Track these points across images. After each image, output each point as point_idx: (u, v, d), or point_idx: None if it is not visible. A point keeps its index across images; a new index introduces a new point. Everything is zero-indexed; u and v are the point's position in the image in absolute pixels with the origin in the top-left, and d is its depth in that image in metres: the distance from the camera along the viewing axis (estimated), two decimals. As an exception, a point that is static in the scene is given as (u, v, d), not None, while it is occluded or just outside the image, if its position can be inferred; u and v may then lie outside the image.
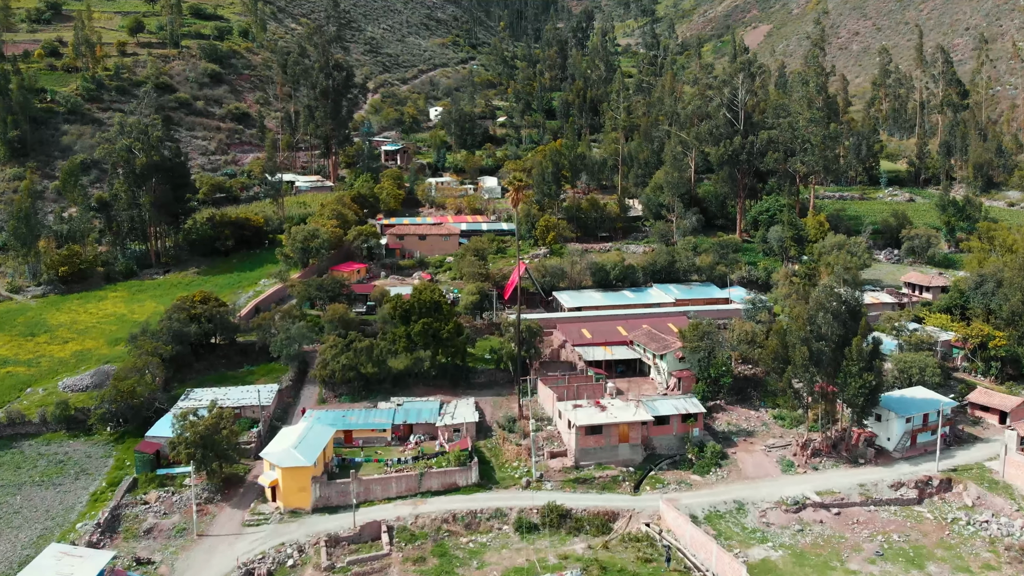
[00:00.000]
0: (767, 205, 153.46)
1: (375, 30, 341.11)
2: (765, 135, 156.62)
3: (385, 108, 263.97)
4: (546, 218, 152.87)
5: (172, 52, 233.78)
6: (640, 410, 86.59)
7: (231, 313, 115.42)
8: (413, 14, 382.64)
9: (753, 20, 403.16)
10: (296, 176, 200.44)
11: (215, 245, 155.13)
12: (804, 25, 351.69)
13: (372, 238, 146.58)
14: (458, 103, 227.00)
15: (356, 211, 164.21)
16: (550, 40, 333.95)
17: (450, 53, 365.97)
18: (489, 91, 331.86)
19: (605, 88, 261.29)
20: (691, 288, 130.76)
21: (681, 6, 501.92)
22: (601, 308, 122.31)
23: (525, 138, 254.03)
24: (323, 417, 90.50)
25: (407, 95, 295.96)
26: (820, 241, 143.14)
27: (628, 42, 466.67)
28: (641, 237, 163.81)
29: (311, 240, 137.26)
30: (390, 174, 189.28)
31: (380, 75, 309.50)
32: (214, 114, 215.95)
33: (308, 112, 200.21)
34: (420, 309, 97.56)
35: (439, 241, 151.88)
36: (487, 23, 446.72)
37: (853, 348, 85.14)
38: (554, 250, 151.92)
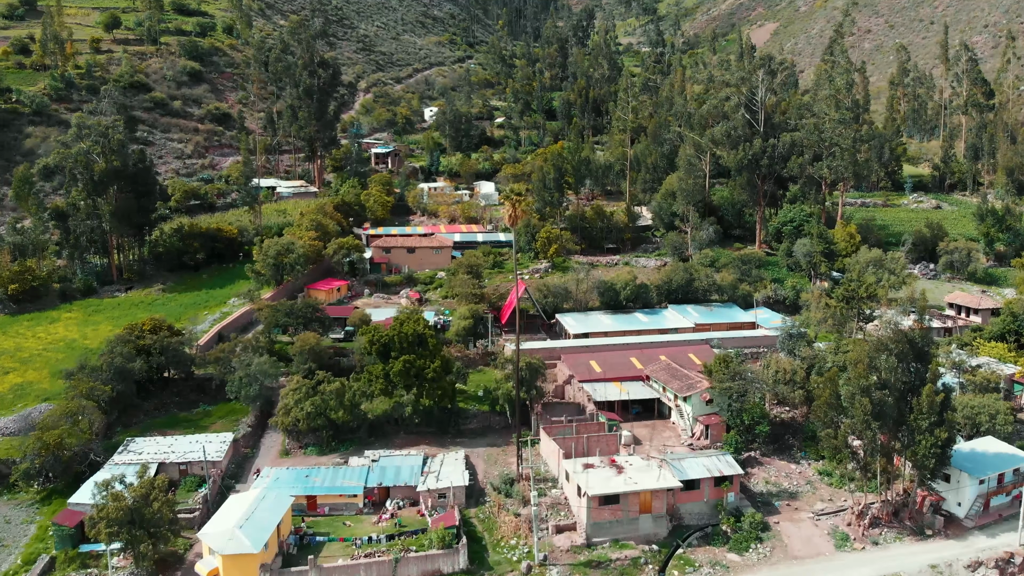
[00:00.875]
0: (792, 215, 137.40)
1: (368, 27, 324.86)
2: (788, 138, 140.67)
3: (377, 108, 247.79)
4: (547, 229, 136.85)
5: (150, 49, 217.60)
6: (665, 472, 70.58)
7: (187, 343, 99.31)
8: (408, 11, 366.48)
9: (759, 18, 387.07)
10: (278, 181, 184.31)
11: (183, 259, 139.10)
12: (812, 23, 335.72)
13: (354, 252, 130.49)
14: (453, 103, 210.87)
15: (340, 220, 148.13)
16: (550, 38, 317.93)
17: (446, 52, 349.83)
18: (487, 91, 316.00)
19: (608, 87, 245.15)
20: (712, 310, 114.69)
21: (683, 4, 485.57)
22: (611, 334, 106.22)
23: (524, 140, 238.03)
24: (282, 478, 74.41)
25: (401, 95, 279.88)
26: (852, 255, 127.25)
27: (629, 41, 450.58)
28: (652, 249, 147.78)
29: (285, 255, 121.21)
30: (379, 179, 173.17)
31: (373, 74, 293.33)
32: (192, 115, 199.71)
33: (291, 112, 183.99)
34: (401, 344, 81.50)
35: (429, 255, 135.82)
36: (485, 21, 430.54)
37: (923, 399, 69.19)
38: (556, 264, 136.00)
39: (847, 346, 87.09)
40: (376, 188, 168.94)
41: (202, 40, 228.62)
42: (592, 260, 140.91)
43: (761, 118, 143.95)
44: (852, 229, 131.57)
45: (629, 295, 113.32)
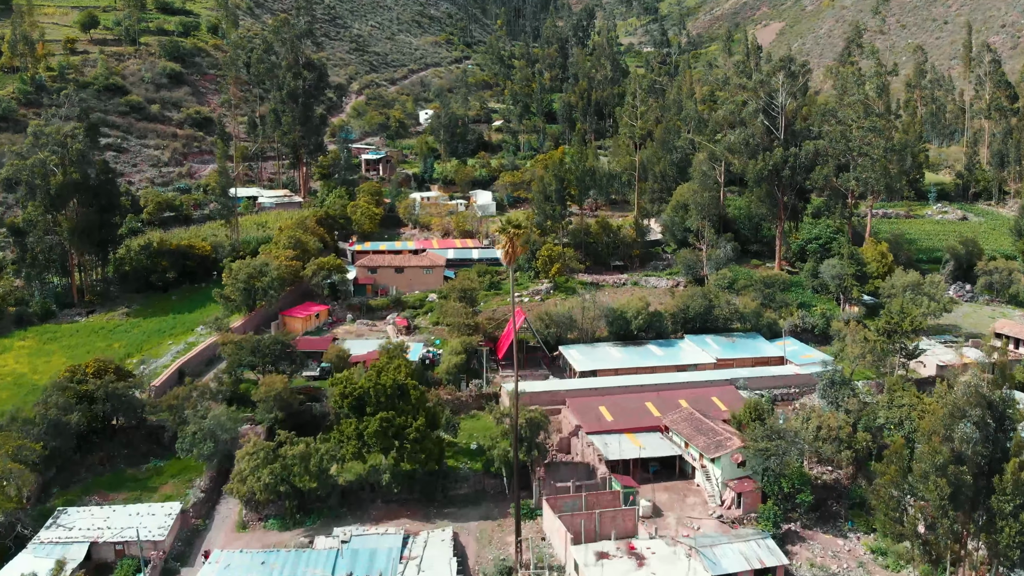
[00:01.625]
0: (817, 231, 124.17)
1: (362, 27, 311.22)
2: (810, 146, 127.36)
3: (369, 111, 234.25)
4: (549, 246, 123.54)
5: (128, 50, 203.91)
6: (695, 564, 57.50)
7: (137, 387, 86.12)
8: (404, 10, 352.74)
9: (763, 17, 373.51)
10: (260, 190, 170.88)
11: (151, 279, 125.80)
12: (820, 23, 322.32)
13: (336, 273, 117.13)
14: (448, 106, 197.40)
15: (323, 235, 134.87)
16: (550, 38, 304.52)
17: (443, 52, 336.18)
18: (484, 92, 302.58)
19: (611, 89, 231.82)
20: (734, 342, 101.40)
21: (685, 3, 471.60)
22: (622, 372, 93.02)
23: (523, 145, 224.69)
24: (233, 566, 61.23)
25: (395, 97, 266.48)
26: (885, 277, 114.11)
27: (631, 41, 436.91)
28: (662, 266, 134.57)
29: (257, 278, 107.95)
30: (367, 189, 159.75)
31: (366, 75, 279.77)
32: (171, 119, 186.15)
33: (274, 117, 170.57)
34: (378, 398, 68.26)
35: (419, 275, 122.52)
36: (483, 20, 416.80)
37: (1008, 477, 56.12)
38: (559, 284, 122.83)
39: (901, 397, 73.89)
40: (364, 199, 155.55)
41: (184, 40, 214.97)
42: (597, 279, 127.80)
43: (781, 125, 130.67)
44: (884, 248, 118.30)
45: (641, 324, 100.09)
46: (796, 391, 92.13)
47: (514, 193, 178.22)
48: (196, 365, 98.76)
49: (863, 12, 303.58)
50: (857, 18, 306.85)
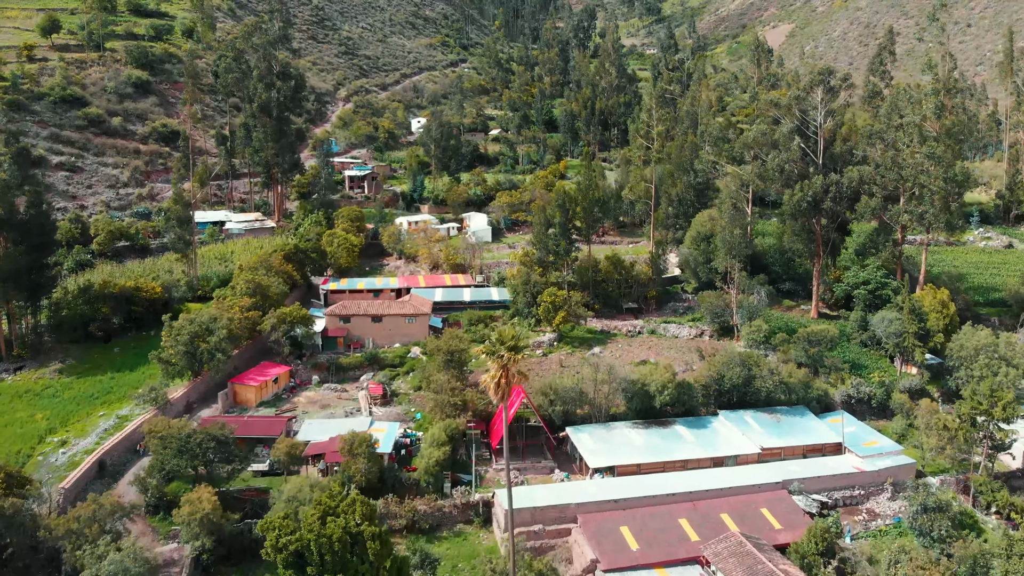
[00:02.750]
0: (866, 275, 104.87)
1: (352, 29, 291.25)
2: (855, 173, 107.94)
3: (356, 121, 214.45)
4: (552, 291, 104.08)
5: (92, 56, 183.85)
6: None
7: (36, 497, 66.82)
8: (398, 11, 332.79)
9: (772, 19, 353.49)
10: (229, 214, 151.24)
11: (89, 329, 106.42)
12: (833, 24, 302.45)
13: (301, 324, 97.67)
14: (440, 118, 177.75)
15: (291, 273, 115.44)
16: (550, 41, 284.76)
17: (438, 55, 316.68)
18: (481, 97, 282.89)
19: (617, 98, 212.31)
20: (779, 421, 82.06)
21: (689, 4, 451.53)
22: (646, 468, 73.80)
23: (522, 157, 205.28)
24: None
25: (386, 104, 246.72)
26: (951, 335, 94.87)
27: (633, 42, 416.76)
28: (683, 309, 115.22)
29: (203, 338, 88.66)
30: (347, 214, 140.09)
31: (355, 80, 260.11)
32: (134, 133, 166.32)
33: (244, 132, 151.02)
34: (322, 556, 48.87)
35: (401, 324, 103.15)
36: (480, 21, 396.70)
37: None
38: (564, 334, 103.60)
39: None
40: (343, 225, 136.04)
41: (155, 45, 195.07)
42: (608, 326, 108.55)
43: (820, 148, 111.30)
44: (945, 296, 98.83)
45: (667, 400, 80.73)
46: (861, 492, 72.96)
47: (512, 215, 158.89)
48: (122, 453, 79.56)
49: (879, 13, 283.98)
50: (873, 19, 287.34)
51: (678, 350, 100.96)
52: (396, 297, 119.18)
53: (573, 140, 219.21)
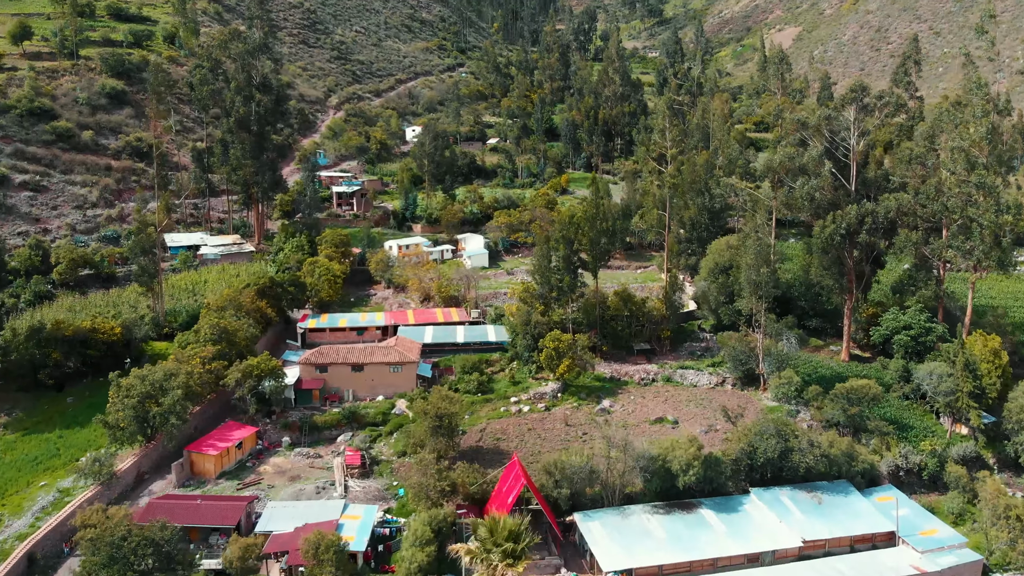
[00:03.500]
0: (907, 319, 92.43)
1: (345, 33, 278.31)
2: (892, 201, 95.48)
3: (347, 131, 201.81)
4: (555, 335, 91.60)
5: (64, 64, 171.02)
6: None
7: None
8: (393, 14, 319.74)
9: (777, 21, 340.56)
10: (205, 236, 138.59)
11: (39, 376, 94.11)
12: (842, 28, 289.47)
13: (271, 377, 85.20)
14: (433, 131, 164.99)
15: (264, 311, 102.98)
16: (550, 45, 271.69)
17: (435, 59, 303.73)
18: (479, 104, 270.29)
19: (622, 107, 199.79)
20: (820, 502, 69.49)
21: (691, 6, 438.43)
22: (668, 568, 61.44)
23: (522, 170, 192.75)
24: None
25: (379, 111, 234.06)
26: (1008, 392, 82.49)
27: (635, 45, 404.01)
28: (700, 351, 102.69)
29: (156, 399, 76.35)
30: (331, 239, 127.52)
31: (348, 86, 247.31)
32: (106, 148, 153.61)
33: (221, 148, 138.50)
34: None
35: (385, 374, 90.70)
36: (478, 24, 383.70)
37: None
38: (569, 383, 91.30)
39: None
40: (327, 251, 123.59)
41: (133, 52, 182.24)
42: (618, 371, 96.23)
43: (852, 172, 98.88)
44: (996, 344, 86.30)
45: (692, 480, 68.28)
46: (924, 598, 60.70)
47: (511, 236, 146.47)
48: (56, 542, 67.23)
49: (890, 17, 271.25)
50: (884, 23, 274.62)
51: (698, 403, 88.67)
52: (383, 335, 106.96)
53: (575, 151, 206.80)
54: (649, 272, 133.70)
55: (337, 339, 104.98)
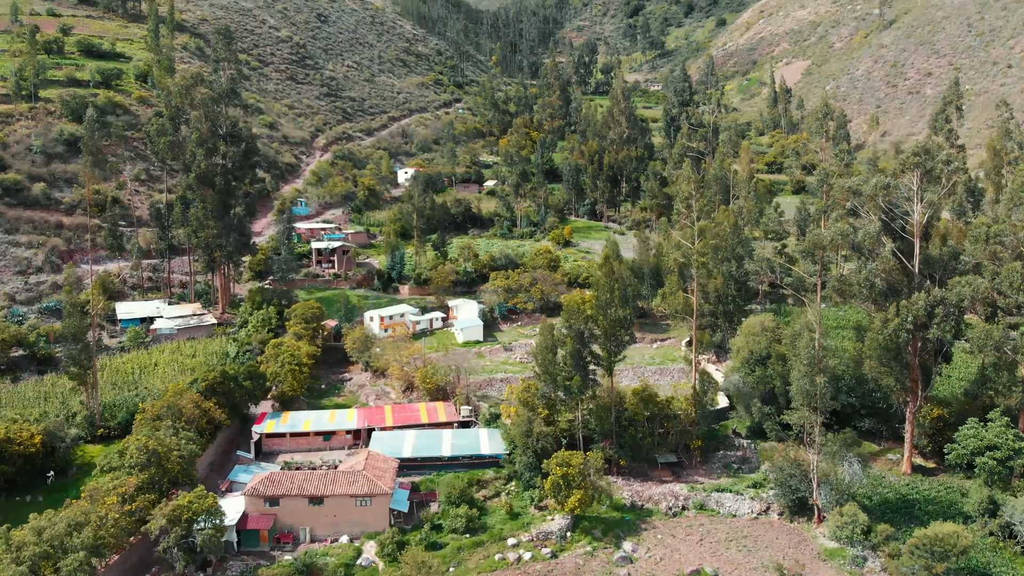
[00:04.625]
0: (993, 438, 74.46)
1: (336, 68, 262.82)
2: (966, 288, 77.89)
3: (333, 176, 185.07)
4: (564, 458, 73.41)
5: (22, 108, 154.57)
6: None
7: None
8: (388, 48, 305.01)
9: (785, 55, 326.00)
10: (162, 305, 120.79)
11: (-66, 499, 75.99)
12: (855, 63, 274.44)
13: (208, 517, 66.82)
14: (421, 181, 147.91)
15: (214, 413, 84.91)
16: (551, 81, 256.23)
17: (431, 94, 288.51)
18: (476, 142, 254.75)
19: (628, 151, 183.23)
20: None
21: (693, 37, 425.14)
22: None
23: (521, 218, 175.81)
24: None
25: (370, 152, 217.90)
26: None
27: (636, 78, 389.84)
28: (736, 463, 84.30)
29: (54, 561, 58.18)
30: (303, 311, 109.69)
31: (338, 125, 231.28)
32: (59, 203, 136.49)
33: (181, 206, 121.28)
34: None
35: (349, 508, 72.20)
36: (476, 57, 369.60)
37: None
38: (580, 519, 73.08)
39: None
40: (296, 327, 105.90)
41: (100, 93, 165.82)
42: (639, 494, 78.20)
43: (915, 250, 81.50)
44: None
45: None
46: None
47: (509, 301, 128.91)
48: None
49: (906, 52, 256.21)
50: (900, 58, 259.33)
51: (740, 544, 70.45)
52: (354, 439, 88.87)
53: (578, 196, 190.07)
54: (667, 348, 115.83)
55: (299, 446, 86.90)
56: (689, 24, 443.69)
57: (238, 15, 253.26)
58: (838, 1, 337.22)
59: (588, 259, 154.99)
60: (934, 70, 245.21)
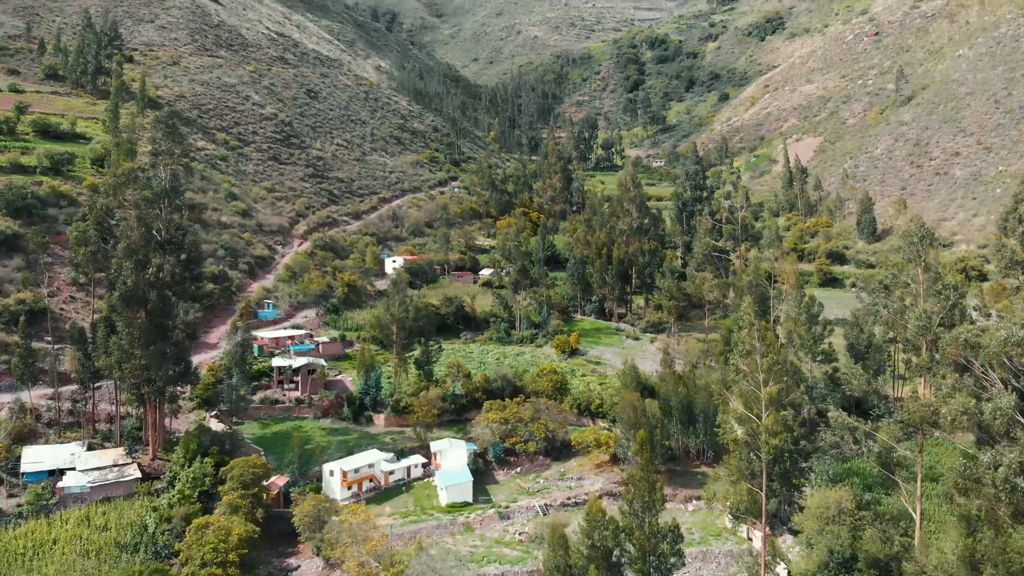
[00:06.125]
0: None
1: (325, 147, 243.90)
2: None
3: (310, 270, 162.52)
4: None
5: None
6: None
7: None
8: (382, 124, 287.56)
9: (794, 131, 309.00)
10: (78, 451, 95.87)
11: None
12: (873, 141, 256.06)
13: None
14: (402, 289, 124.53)
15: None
16: (552, 162, 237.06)
17: (425, 173, 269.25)
18: (472, 224, 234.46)
19: (640, 243, 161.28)
20: None
21: (695, 112, 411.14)
22: None
23: (520, 319, 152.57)
24: None
25: (356, 238, 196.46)
26: None
27: (638, 153, 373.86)
28: None
29: None
30: (240, 472, 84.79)
31: (322, 209, 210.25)
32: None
33: (107, 329, 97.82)
34: None
35: None
36: (473, 133, 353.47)
37: None
38: None
39: None
40: (231, 496, 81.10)
41: (44, 181, 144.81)
42: None
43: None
44: None
45: None
46: None
47: (507, 441, 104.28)
48: None
49: (929, 129, 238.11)
50: (922, 136, 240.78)
51: None
52: None
53: (584, 291, 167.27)
54: (706, 513, 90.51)
55: None
56: (691, 99, 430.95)
57: (219, 91, 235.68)
58: (847, 76, 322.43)
59: (599, 373, 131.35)
60: (962, 149, 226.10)
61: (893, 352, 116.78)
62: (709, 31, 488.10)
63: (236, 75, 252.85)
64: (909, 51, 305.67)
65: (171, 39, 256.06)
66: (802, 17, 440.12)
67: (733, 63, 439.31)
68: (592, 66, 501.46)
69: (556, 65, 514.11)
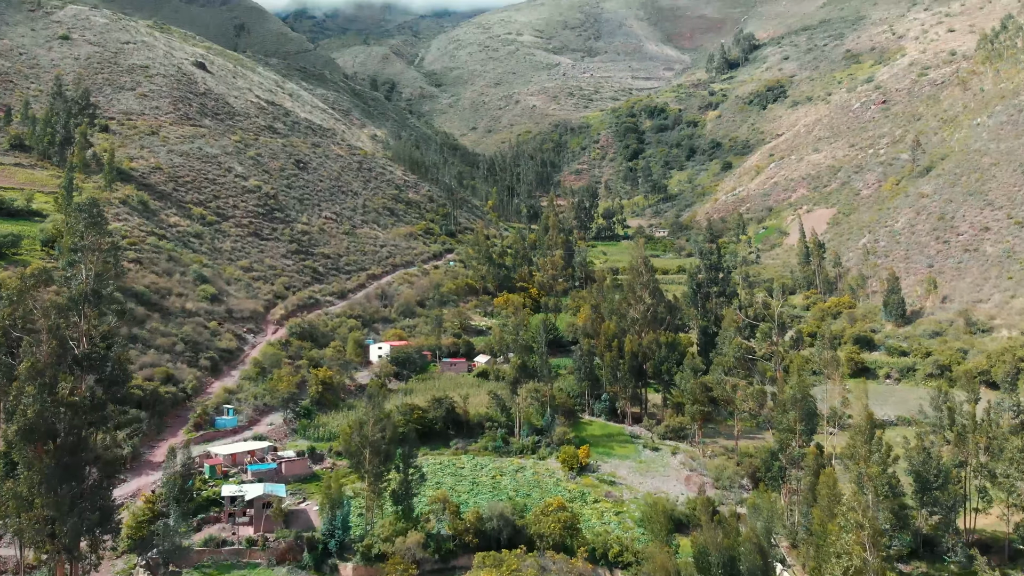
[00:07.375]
0: None
1: (311, 220, 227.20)
2: None
3: (282, 365, 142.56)
4: None
5: None
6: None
7: None
8: (375, 195, 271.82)
9: (804, 201, 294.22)
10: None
11: None
12: (893, 215, 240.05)
13: None
14: (379, 404, 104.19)
15: None
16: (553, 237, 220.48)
17: (420, 246, 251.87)
18: (468, 301, 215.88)
19: (654, 333, 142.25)
20: None
21: (697, 181, 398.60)
22: None
23: (520, 425, 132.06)
24: None
25: (338, 322, 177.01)
26: None
27: (639, 223, 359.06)
28: None
29: None
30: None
31: (305, 288, 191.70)
32: None
33: (5, 467, 77.63)
34: None
35: None
36: (471, 202, 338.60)
37: None
38: None
39: None
40: None
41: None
42: None
43: None
44: None
45: None
46: None
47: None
48: None
49: (953, 203, 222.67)
50: (946, 210, 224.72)
51: None
52: None
53: (592, 388, 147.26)
54: None
55: None
56: (692, 167, 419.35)
57: (200, 162, 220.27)
58: (856, 145, 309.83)
59: (614, 497, 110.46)
60: (991, 224, 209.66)
61: (964, 477, 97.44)
62: (709, 99, 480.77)
63: (219, 145, 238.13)
64: (921, 119, 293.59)
65: (152, 107, 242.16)
66: (804, 85, 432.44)
67: (735, 132, 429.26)
68: (591, 135, 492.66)
69: (555, 134, 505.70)
